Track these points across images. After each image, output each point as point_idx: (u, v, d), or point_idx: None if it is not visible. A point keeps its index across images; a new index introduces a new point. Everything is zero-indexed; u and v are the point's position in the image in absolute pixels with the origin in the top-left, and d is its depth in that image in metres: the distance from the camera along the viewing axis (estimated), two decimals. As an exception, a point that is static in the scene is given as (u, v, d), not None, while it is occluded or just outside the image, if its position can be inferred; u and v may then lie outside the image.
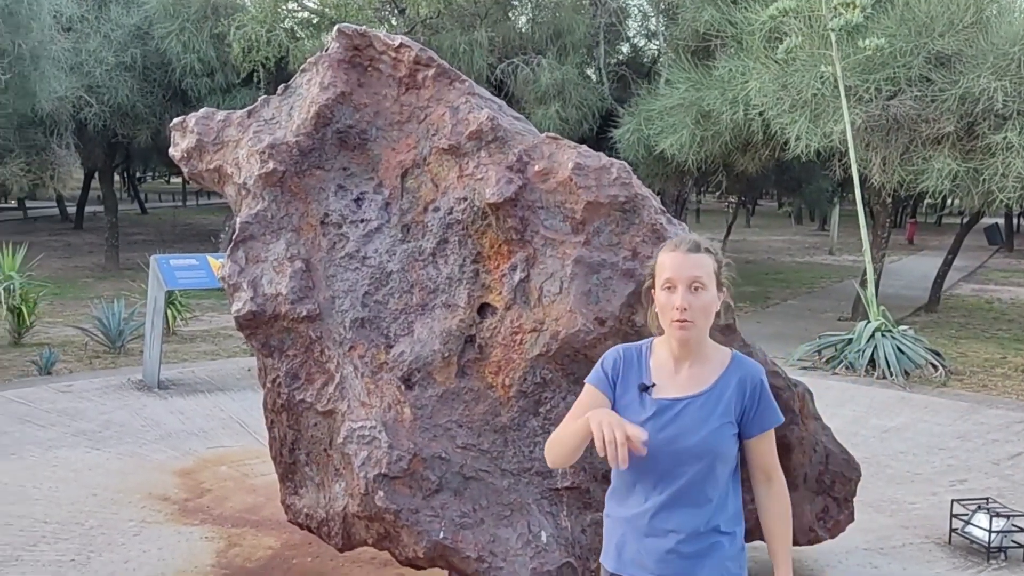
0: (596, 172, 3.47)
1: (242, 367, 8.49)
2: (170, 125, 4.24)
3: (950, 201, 17.00)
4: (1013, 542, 4.45)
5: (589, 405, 2.27)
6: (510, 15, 16.83)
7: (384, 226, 3.71)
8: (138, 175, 38.61)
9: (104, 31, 15.98)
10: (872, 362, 8.94)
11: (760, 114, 10.85)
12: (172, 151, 4.17)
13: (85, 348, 9.56)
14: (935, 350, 9.30)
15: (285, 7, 15.30)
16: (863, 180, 10.24)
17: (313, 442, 3.62)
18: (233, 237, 3.71)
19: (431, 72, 3.74)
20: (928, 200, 15.89)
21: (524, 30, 16.72)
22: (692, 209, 33.57)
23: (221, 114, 4.10)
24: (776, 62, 10.38)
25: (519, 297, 3.46)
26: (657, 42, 17.68)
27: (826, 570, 4.26)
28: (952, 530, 4.63)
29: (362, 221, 3.72)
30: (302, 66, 4.00)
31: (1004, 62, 9.51)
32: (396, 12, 15.62)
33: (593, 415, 2.03)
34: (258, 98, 4.05)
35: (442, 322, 3.52)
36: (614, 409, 2.27)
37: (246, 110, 4.02)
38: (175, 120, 4.20)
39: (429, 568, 3.50)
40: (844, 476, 4.01)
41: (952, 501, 4.72)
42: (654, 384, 2.26)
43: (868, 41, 9.28)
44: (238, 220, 3.75)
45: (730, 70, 11.52)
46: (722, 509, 2.24)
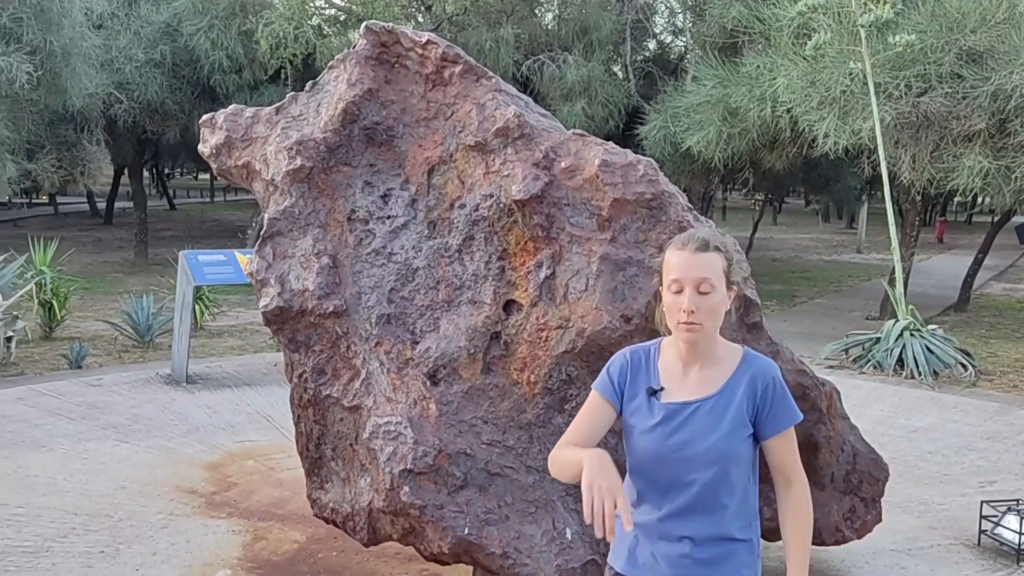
0: (623, 169, 3.45)
1: (268, 362, 8.55)
2: (199, 122, 4.27)
3: (981, 199, 16.77)
4: (1044, 545, 4.39)
5: (595, 413, 2.22)
6: (536, 12, 16.82)
7: (410, 223, 3.72)
8: (167, 171, 38.99)
9: (134, 28, 16.15)
10: (900, 361, 8.85)
11: (788, 111, 10.77)
12: (201, 147, 4.21)
13: (114, 342, 9.67)
14: (965, 350, 9.19)
15: (312, 4, 15.39)
16: (892, 178, 10.13)
17: (339, 437, 3.64)
18: (261, 233, 3.74)
19: (458, 69, 3.75)
20: (958, 198, 15.67)
21: (550, 27, 16.71)
22: (718, 206, 33.39)
23: (249, 111, 4.13)
24: (804, 58, 10.29)
25: (545, 294, 3.46)
26: (684, 39, 17.60)
27: (853, 571, 4.22)
28: (981, 532, 4.57)
29: (388, 217, 3.74)
30: (330, 63, 4.02)
31: (1037, 58, 9.37)
32: (423, 9, 15.65)
33: (588, 466, 1.93)
34: (285, 95, 4.07)
35: (468, 318, 3.52)
36: (621, 415, 2.22)
37: (274, 107, 4.04)
38: (204, 117, 4.24)
39: (454, 564, 3.51)
40: (872, 476, 3.97)
41: (981, 502, 4.66)
42: (662, 388, 2.19)
43: (898, 37, 9.18)
44: (266, 216, 3.77)
45: (758, 67, 11.44)
46: (739, 515, 2.17)
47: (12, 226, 23.93)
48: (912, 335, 9.01)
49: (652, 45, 18.79)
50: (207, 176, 43.94)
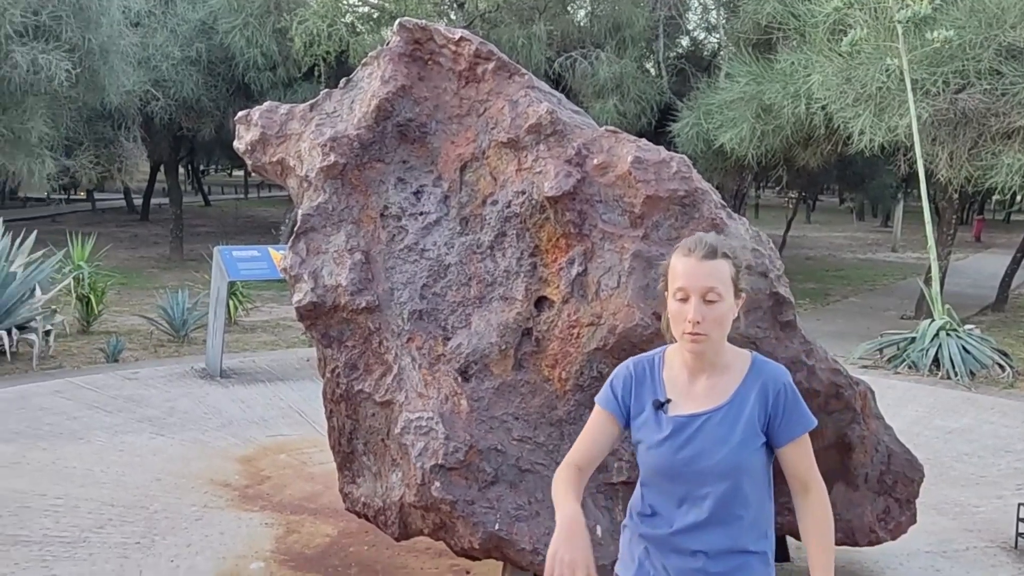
0: (656, 166, 3.44)
1: (301, 357, 8.62)
2: (235, 118, 4.32)
3: (1019, 198, 16.48)
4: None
5: (598, 428, 2.17)
6: (568, 8, 16.79)
7: (443, 219, 3.73)
8: (202, 168, 39.41)
9: (171, 26, 16.35)
10: (936, 362, 8.74)
11: (823, 108, 10.66)
12: (237, 144, 4.25)
13: (150, 337, 9.80)
14: (1002, 350, 9.04)
15: (346, 2, 15.48)
16: (929, 175, 9.99)
17: (371, 432, 3.67)
18: (295, 229, 3.77)
19: (491, 66, 3.75)
20: (996, 196, 15.43)
21: (583, 23, 16.66)
22: (751, 204, 33.13)
23: (284, 108, 4.17)
24: (840, 55, 10.18)
25: (576, 291, 3.46)
26: (717, 35, 17.49)
27: (887, 572, 4.18)
28: (1018, 534, 4.51)
29: (421, 214, 3.75)
30: (364, 60, 4.04)
31: (1080, 54, 9.20)
32: (455, 6, 15.69)
33: (557, 532, 1.91)
34: (318, 92, 4.10)
35: (499, 315, 3.53)
36: (629, 427, 2.16)
37: (308, 104, 4.07)
38: (240, 114, 4.28)
39: (484, 559, 3.52)
40: (907, 477, 3.93)
41: (1019, 505, 4.59)
42: (669, 400, 2.11)
43: (936, 33, 9.05)
44: (300, 212, 3.81)
45: (792, 63, 11.34)
46: (753, 527, 2.10)
47: (51, 222, 24.33)
48: (948, 335, 8.88)
49: (685, 42, 18.69)
50: (241, 173, 44.40)
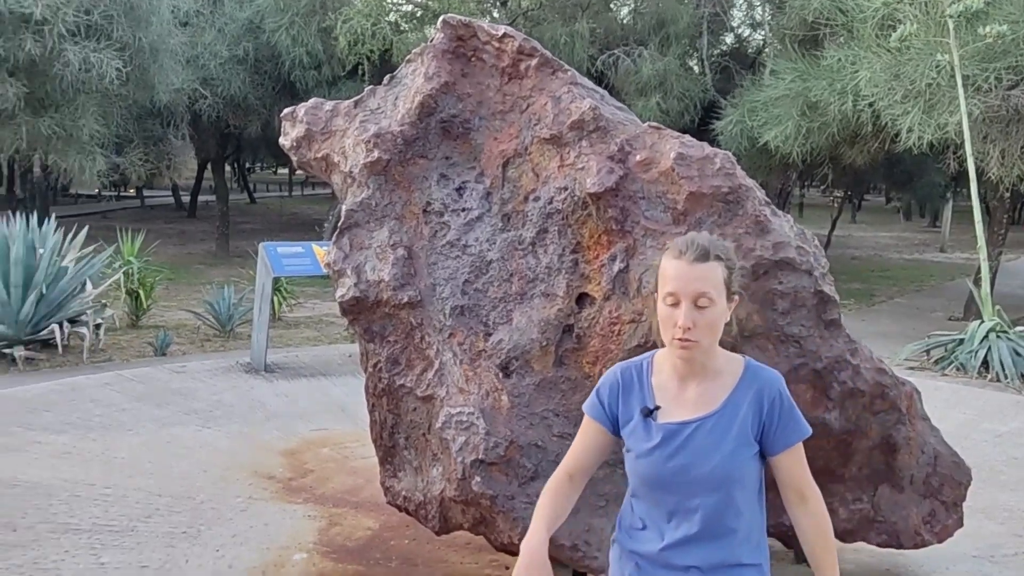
0: (699, 162, 3.42)
1: (343, 353, 8.71)
2: (281, 115, 4.36)
3: (1075, 197, 16.05)
4: None
5: (588, 437, 2.13)
6: (612, 6, 16.72)
7: (485, 215, 3.74)
8: (248, 166, 39.95)
9: (218, 25, 16.59)
10: (985, 364, 8.57)
11: (870, 105, 10.49)
12: (282, 140, 4.30)
13: (197, 331, 9.97)
14: (1055, 353, 8.84)
15: (390, 1, 15.58)
16: (980, 174, 9.79)
17: (412, 426, 3.69)
18: (338, 224, 3.81)
19: (534, 62, 3.76)
20: (1051, 195, 15.07)
21: (626, 21, 16.59)
22: (795, 203, 32.71)
23: (329, 104, 4.21)
24: (888, 51, 10.01)
25: (618, 288, 3.45)
26: (763, 32, 17.29)
27: (932, 576, 4.12)
28: (1070, 541, 4.41)
29: (463, 210, 3.77)
30: (407, 56, 4.07)
31: None
32: (498, 4, 15.71)
33: (520, 561, 1.94)
34: (362, 90, 4.13)
35: (540, 311, 3.54)
36: (620, 435, 2.11)
37: (353, 100, 4.10)
38: (286, 111, 4.32)
39: (523, 554, 3.53)
40: (954, 479, 3.86)
41: (1071, 511, 4.49)
42: (658, 407, 2.04)
43: (989, 28, 8.85)
44: (343, 208, 3.84)
45: (839, 59, 11.18)
46: (747, 539, 2.03)
47: (101, 218, 24.83)
48: (998, 337, 8.71)
49: (729, 39, 18.52)
50: (286, 171, 44.90)
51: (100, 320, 8.91)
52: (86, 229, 9.76)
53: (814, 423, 3.45)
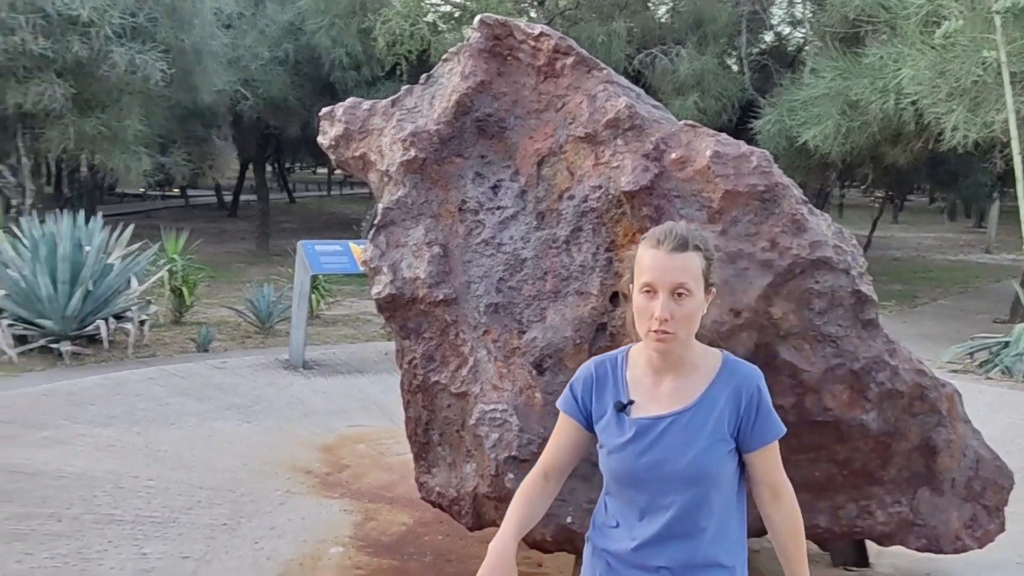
0: (735, 161, 3.40)
1: (379, 351, 8.77)
2: (319, 114, 4.42)
3: None
4: None
5: (562, 434, 2.09)
6: (649, 5, 16.65)
7: (520, 213, 3.76)
8: (287, 166, 40.37)
9: (260, 27, 16.81)
10: (1031, 367, 8.41)
11: (913, 103, 10.33)
12: (320, 139, 4.35)
13: (238, 328, 10.12)
14: (1104, 356, 8.64)
15: (428, 1, 15.66)
16: (1027, 173, 9.59)
17: (446, 423, 3.72)
18: (375, 222, 3.85)
19: (569, 61, 3.76)
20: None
21: (663, 20, 16.50)
22: (835, 203, 32.28)
23: (367, 103, 4.25)
24: (933, 48, 9.85)
25: (653, 286, 3.44)
26: (803, 30, 17.11)
27: (972, 581, 4.05)
28: (1117, 548, 4.31)
29: (498, 208, 3.79)
30: (444, 56, 4.09)
31: None
32: (535, 4, 15.72)
33: (486, 562, 1.92)
34: (400, 91, 4.16)
35: (574, 309, 3.54)
36: (593, 430, 2.06)
37: (390, 99, 4.14)
38: (324, 110, 4.37)
39: (556, 552, 3.54)
40: (996, 484, 3.80)
41: (1118, 517, 4.39)
42: (632, 402, 1.98)
43: (1036, 24, 8.69)
44: (380, 206, 3.88)
45: (881, 57, 11.02)
46: (720, 539, 1.97)
47: (146, 217, 25.23)
48: (1045, 339, 8.54)
49: (768, 37, 18.32)
50: (325, 171, 45.28)
51: (144, 316, 9.08)
52: (131, 227, 9.94)
53: (851, 424, 3.43)
